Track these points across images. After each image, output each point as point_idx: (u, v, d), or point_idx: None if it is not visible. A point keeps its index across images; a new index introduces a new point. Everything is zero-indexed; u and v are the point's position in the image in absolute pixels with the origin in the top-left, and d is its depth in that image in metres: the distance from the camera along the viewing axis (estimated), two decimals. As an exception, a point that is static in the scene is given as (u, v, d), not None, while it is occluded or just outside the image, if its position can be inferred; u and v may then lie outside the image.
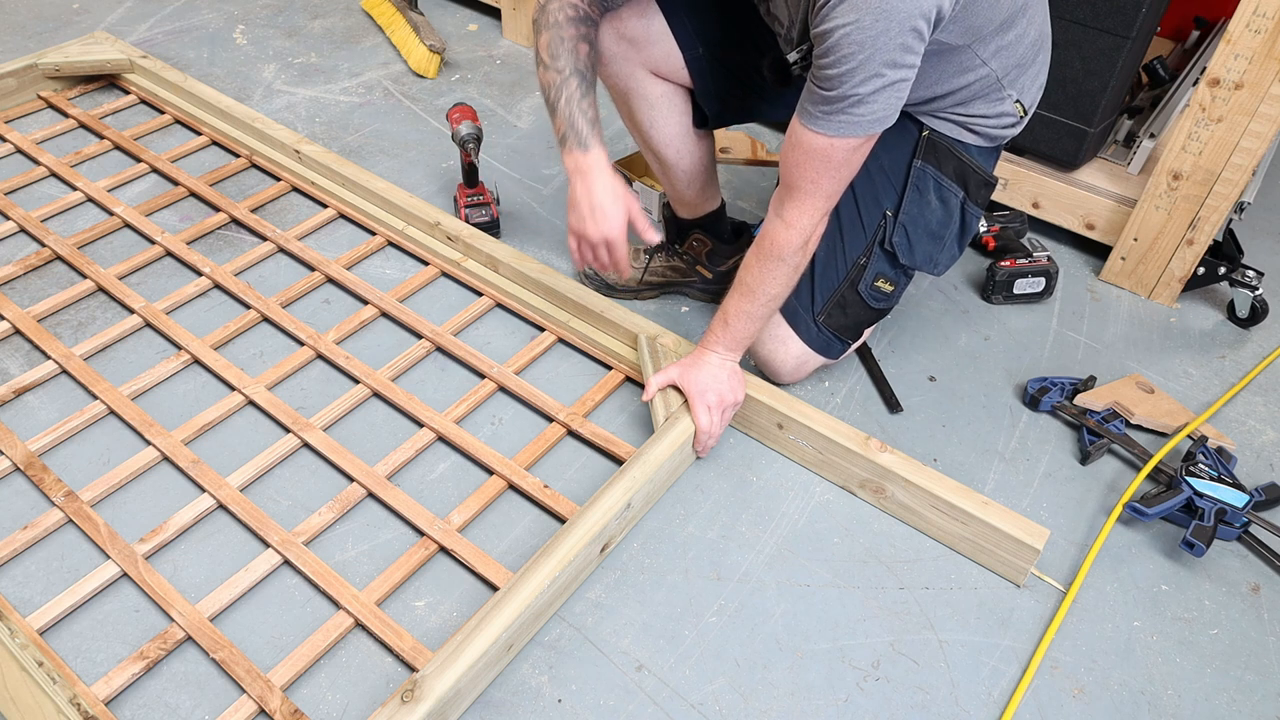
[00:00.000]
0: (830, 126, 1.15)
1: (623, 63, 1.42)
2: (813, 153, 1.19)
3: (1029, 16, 1.27)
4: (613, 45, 1.41)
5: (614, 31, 1.40)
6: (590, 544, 1.21)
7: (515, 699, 1.14)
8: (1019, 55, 1.29)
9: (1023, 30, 1.27)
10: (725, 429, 1.43)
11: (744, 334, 1.37)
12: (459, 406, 1.47)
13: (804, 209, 1.24)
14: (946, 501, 1.28)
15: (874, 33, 1.06)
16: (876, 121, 1.15)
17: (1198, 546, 1.28)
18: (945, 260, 1.46)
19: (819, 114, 1.15)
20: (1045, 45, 1.35)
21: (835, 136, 1.16)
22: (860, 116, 1.14)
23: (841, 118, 1.14)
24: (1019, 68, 1.31)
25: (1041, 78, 1.38)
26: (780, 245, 1.27)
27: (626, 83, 1.45)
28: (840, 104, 1.13)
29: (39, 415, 1.44)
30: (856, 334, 1.51)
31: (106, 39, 2.19)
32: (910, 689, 1.17)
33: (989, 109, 1.34)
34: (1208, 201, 1.63)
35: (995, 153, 1.43)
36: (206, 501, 1.31)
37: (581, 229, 1.30)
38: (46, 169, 1.91)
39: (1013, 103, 1.34)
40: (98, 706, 1.07)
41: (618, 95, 1.49)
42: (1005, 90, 1.32)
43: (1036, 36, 1.31)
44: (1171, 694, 1.18)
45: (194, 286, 1.65)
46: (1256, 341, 1.71)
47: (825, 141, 1.17)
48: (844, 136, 1.16)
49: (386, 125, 2.16)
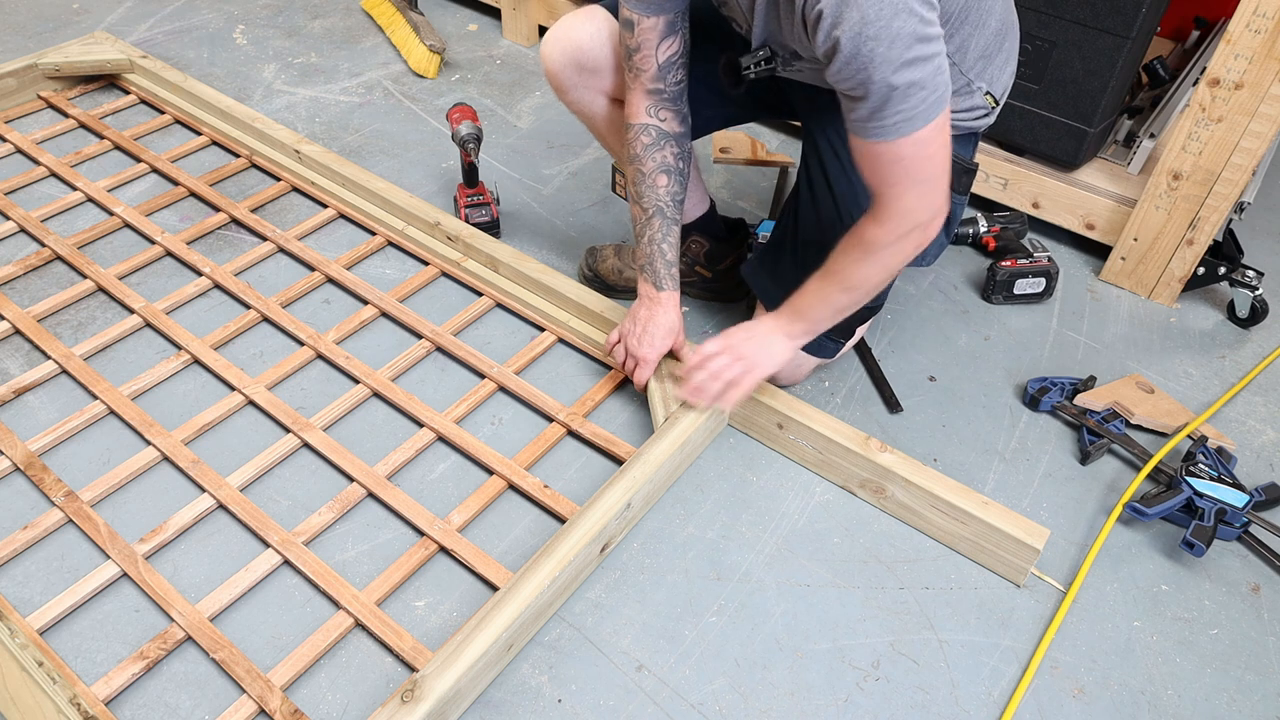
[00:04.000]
0: (887, 133, 1.06)
1: (583, 91, 1.45)
2: (876, 160, 1.11)
3: (984, 6, 1.22)
4: (571, 76, 1.43)
5: (572, 62, 1.41)
6: (590, 544, 1.21)
7: (515, 699, 1.14)
8: (982, 46, 1.26)
9: (980, 20, 1.22)
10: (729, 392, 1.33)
11: (807, 308, 1.29)
12: (459, 406, 1.47)
13: (890, 210, 1.14)
14: (946, 501, 1.28)
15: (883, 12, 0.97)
16: (933, 105, 1.05)
17: (1198, 546, 1.28)
18: (933, 250, 1.41)
19: (869, 126, 1.07)
20: (1011, 33, 1.31)
21: (895, 139, 1.06)
22: (911, 109, 1.03)
23: (894, 117, 1.04)
24: (984, 59, 1.27)
25: (1011, 65, 1.33)
26: (868, 239, 1.18)
27: (590, 109, 1.47)
28: (885, 107, 1.03)
29: (39, 415, 1.44)
30: (849, 332, 1.49)
31: (106, 39, 2.19)
32: (910, 689, 1.17)
33: (958, 103, 1.30)
34: (1208, 201, 1.63)
35: (972, 140, 1.38)
36: (206, 501, 1.31)
37: (627, 339, 1.44)
38: (46, 169, 1.91)
39: (982, 95, 1.31)
40: (98, 706, 1.07)
41: (584, 119, 1.51)
42: (973, 84, 1.29)
43: (999, 25, 1.26)
44: (1171, 694, 1.18)
45: (194, 286, 1.65)
46: (1256, 341, 1.71)
47: (885, 147, 1.08)
48: (906, 135, 1.06)
49: (386, 125, 2.16)
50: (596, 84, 1.44)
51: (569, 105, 1.49)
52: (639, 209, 1.40)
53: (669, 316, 1.41)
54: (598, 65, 1.41)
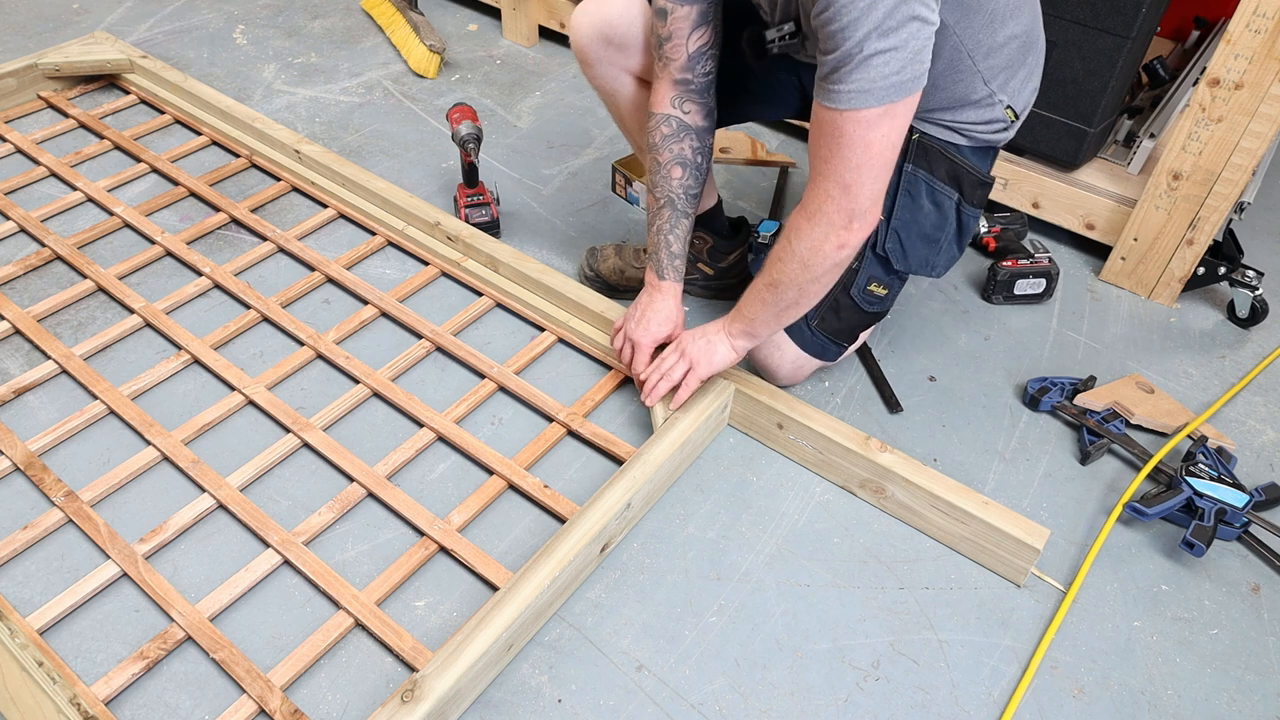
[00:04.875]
0: (838, 99, 1.04)
1: (608, 67, 1.43)
2: (820, 128, 1.09)
3: (1019, 19, 1.24)
4: (599, 49, 1.42)
5: (600, 36, 1.40)
6: (590, 544, 1.21)
7: (515, 699, 1.14)
8: (1007, 57, 1.26)
9: (1014, 32, 1.24)
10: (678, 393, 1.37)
11: (744, 305, 1.31)
12: (459, 406, 1.47)
13: (815, 192, 1.14)
14: (946, 501, 1.28)
15: None
16: (892, 88, 1.03)
17: (1198, 546, 1.28)
18: (944, 262, 1.43)
19: (827, 87, 1.05)
20: (1037, 50, 1.32)
21: (844, 109, 1.04)
22: (869, 82, 1.02)
23: (850, 83, 1.03)
24: (1008, 70, 1.28)
25: (1033, 83, 1.34)
26: (789, 226, 1.20)
27: (612, 86, 1.45)
28: (846, 67, 1.01)
29: (39, 415, 1.44)
30: (852, 337, 1.50)
31: (106, 39, 2.19)
32: (910, 689, 1.17)
33: (978, 115, 1.32)
34: (1208, 201, 1.63)
35: (990, 153, 1.40)
36: (206, 501, 1.31)
37: (626, 324, 1.46)
38: (46, 169, 1.91)
39: (1003, 108, 1.32)
40: (98, 706, 1.07)
41: (605, 97, 1.49)
42: (995, 96, 1.30)
43: (1026, 40, 1.28)
44: (1171, 694, 1.18)
45: (194, 286, 1.65)
46: (1256, 341, 1.71)
47: (832, 116, 1.06)
48: (854, 109, 1.04)
49: (386, 125, 2.16)
50: (623, 61, 1.43)
51: (592, 81, 1.48)
52: (652, 197, 1.42)
53: (668, 305, 1.42)
54: (626, 41, 1.40)
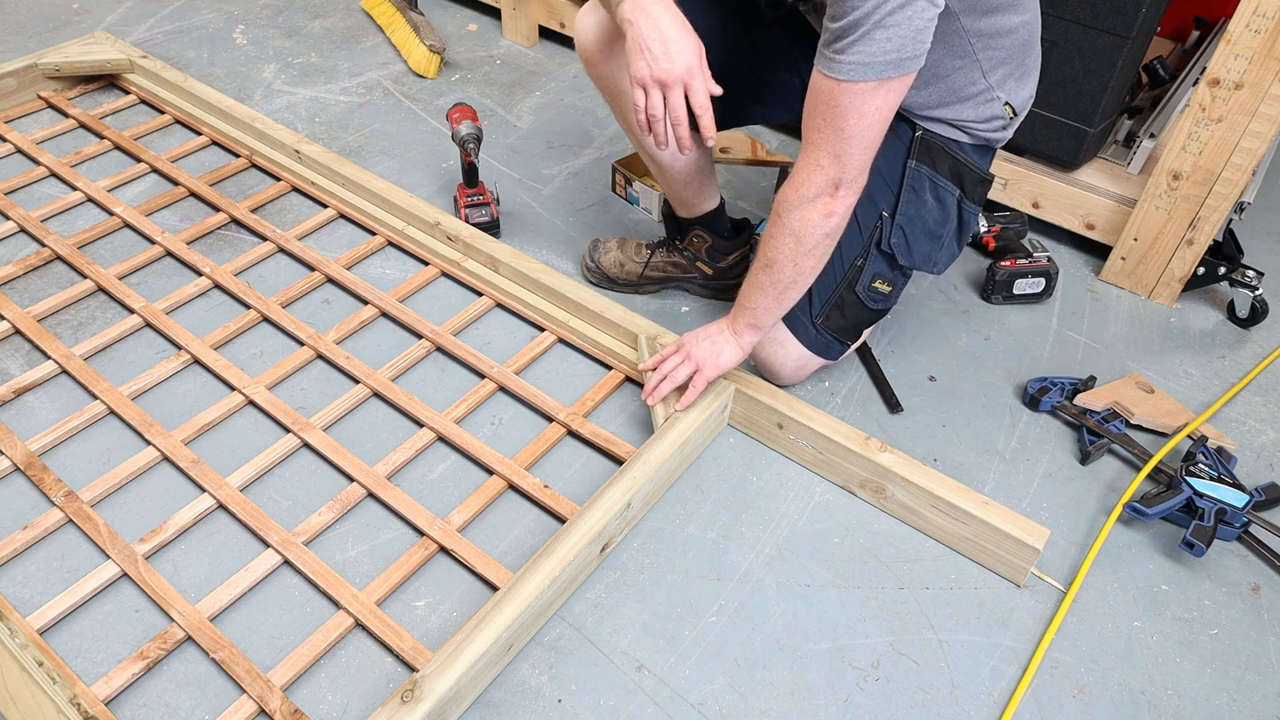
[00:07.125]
0: (838, 69, 1.08)
1: (612, 66, 1.42)
2: (817, 97, 1.12)
3: (1020, 14, 1.25)
4: (603, 49, 1.40)
5: (605, 35, 1.39)
6: (590, 544, 1.21)
7: (515, 699, 1.14)
8: (1007, 50, 1.27)
9: (1014, 25, 1.25)
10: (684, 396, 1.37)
11: (744, 297, 1.33)
12: (459, 406, 1.47)
13: (804, 162, 1.17)
14: (946, 501, 1.28)
15: None
16: (891, 64, 1.06)
17: (1198, 546, 1.28)
18: (945, 259, 1.45)
19: (828, 55, 1.08)
20: (1035, 51, 1.33)
21: (843, 80, 1.08)
22: (869, 55, 1.05)
23: (852, 54, 1.06)
24: (1006, 65, 1.29)
25: (1031, 82, 1.35)
26: (779, 201, 1.21)
27: (618, 84, 1.45)
28: (850, 37, 1.04)
29: (39, 415, 1.44)
30: (855, 335, 1.50)
31: (106, 39, 2.19)
32: (910, 689, 1.17)
33: (978, 112, 1.32)
34: (1208, 201, 1.63)
35: (990, 152, 1.42)
36: (206, 501, 1.31)
37: (653, 70, 1.13)
38: (46, 169, 1.91)
39: (1001, 105, 1.32)
40: (98, 706, 1.07)
41: (610, 96, 1.48)
42: (994, 91, 1.31)
43: (1026, 37, 1.29)
44: (1171, 694, 1.18)
45: (194, 286, 1.65)
46: (1256, 341, 1.71)
47: (830, 85, 1.09)
48: (853, 80, 1.07)
49: (386, 125, 2.16)
50: None
51: (596, 80, 1.47)
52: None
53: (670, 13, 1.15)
54: None
